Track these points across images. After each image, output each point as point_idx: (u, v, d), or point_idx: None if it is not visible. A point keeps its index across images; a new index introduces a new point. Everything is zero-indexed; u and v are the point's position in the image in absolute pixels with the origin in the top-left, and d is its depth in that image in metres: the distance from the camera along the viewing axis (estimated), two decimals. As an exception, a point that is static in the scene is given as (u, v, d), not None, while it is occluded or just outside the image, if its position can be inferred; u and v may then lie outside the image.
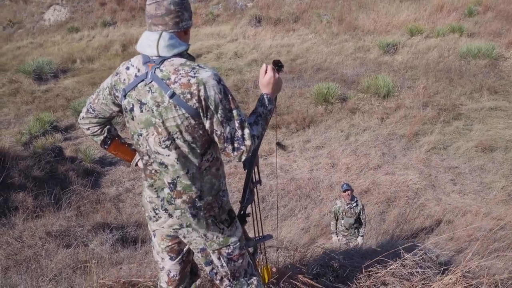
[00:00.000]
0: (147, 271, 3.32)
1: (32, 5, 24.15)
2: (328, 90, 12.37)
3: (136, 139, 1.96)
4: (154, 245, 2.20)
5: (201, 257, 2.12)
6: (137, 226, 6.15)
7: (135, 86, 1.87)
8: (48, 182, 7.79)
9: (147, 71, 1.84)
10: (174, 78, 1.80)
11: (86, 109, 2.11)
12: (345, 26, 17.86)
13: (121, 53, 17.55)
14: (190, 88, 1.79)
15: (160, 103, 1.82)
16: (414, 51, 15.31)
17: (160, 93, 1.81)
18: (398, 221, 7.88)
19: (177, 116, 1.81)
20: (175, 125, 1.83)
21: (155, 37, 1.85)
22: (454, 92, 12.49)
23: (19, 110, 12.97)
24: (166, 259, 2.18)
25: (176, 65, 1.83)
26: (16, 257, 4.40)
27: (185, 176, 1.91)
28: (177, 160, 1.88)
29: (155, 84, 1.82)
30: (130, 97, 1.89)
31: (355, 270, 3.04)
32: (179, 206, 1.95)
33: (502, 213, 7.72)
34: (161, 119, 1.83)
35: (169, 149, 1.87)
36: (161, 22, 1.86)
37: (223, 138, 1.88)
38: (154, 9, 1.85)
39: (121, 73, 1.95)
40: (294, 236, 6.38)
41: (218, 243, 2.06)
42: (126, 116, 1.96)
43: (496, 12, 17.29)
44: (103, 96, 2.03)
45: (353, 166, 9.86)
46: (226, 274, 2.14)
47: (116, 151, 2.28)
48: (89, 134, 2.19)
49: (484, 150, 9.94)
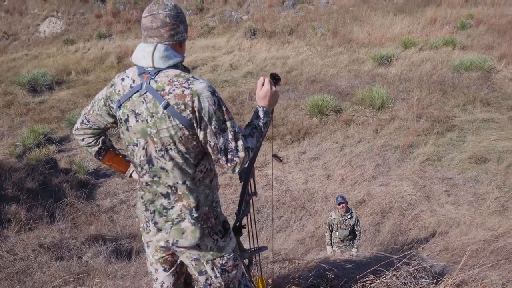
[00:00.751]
0: (141, 283, 3.30)
1: (28, 17, 24.22)
2: (323, 102, 12.45)
3: (131, 150, 1.96)
4: (147, 256, 2.18)
5: (194, 268, 2.10)
6: (131, 238, 6.11)
7: (130, 97, 1.88)
8: (41, 194, 7.73)
9: (142, 82, 1.86)
10: (169, 89, 1.81)
11: (81, 120, 2.13)
12: (339, 39, 18.04)
13: (117, 65, 17.60)
14: (184, 99, 1.80)
15: (154, 114, 1.83)
16: (408, 63, 15.48)
17: (154, 103, 1.82)
18: (393, 232, 7.88)
19: (171, 126, 1.82)
20: (168, 135, 1.83)
21: (150, 49, 1.86)
22: (448, 104, 12.60)
23: (13, 122, 12.93)
24: (159, 270, 2.16)
25: (170, 76, 1.84)
26: (8, 270, 4.36)
27: (183, 186, 1.92)
28: (172, 170, 1.90)
29: (150, 95, 1.83)
30: (125, 108, 1.90)
31: (349, 281, 3.04)
32: (171, 217, 1.94)
33: (495, 223, 7.75)
34: (156, 129, 1.84)
35: (164, 158, 1.88)
36: (156, 34, 1.88)
37: (216, 149, 1.88)
38: (150, 21, 1.88)
39: (116, 84, 1.96)
40: (289, 247, 6.36)
41: (211, 253, 2.05)
42: (121, 127, 1.96)
43: (488, 25, 17.56)
44: (98, 107, 2.04)
45: (348, 177, 9.88)
46: (220, 285, 2.12)
47: (110, 162, 2.28)
48: (84, 145, 2.19)
49: (477, 162, 10.00)
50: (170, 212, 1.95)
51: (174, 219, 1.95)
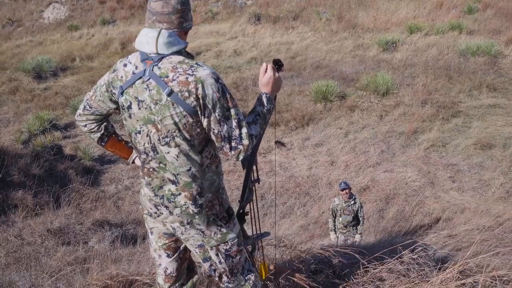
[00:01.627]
0: (145, 268, 3.33)
1: (32, 3, 24.11)
2: (327, 87, 12.38)
3: (134, 137, 1.96)
4: (151, 242, 2.20)
5: (199, 254, 2.12)
6: (136, 224, 6.16)
7: (132, 84, 1.87)
8: (47, 180, 7.79)
9: (145, 68, 1.84)
10: (172, 76, 1.79)
11: (83, 106, 2.11)
12: (344, 24, 17.85)
13: (121, 51, 17.54)
14: (188, 86, 1.78)
15: (158, 101, 1.81)
16: (414, 48, 15.32)
17: (158, 90, 1.81)
18: (397, 219, 7.90)
19: (175, 114, 1.81)
20: (173, 123, 1.82)
21: (154, 34, 1.84)
22: (453, 90, 12.50)
23: (18, 109, 12.98)
24: (163, 256, 2.18)
25: (174, 63, 1.82)
26: (16, 254, 4.42)
27: (186, 174, 1.91)
28: (176, 157, 1.88)
29: (153, 82, 1.81)
30: (128, 95, 1.89)
31: (352, 267, 3.06)
32: (179, 204, 1.95)
33: (500, 210, 7.73)
34: (160, 117, 1.82)
35: (169, 146, 1.86)
36: (166, 20, 1.86)
37: (220, 137, 1.87)
38: (161, 6, 1.85)
39: (118, 70, 1.94)
40: (293, 233, 6.40)
41: (216, 239, 2.07)
42: (123, 114, 1.95)
43: (496, 9, 17.29)
44: (100, 93, 2.02)
45: (352, 163, 9.87)
46: (224, 270, 2.15)
47: (113, 148, 2.27)
48: (86, 131, 2.18)
49: (482, 148, 9.95)
50: (178, 199, 1.95)
51: (182, 205, 1.96)
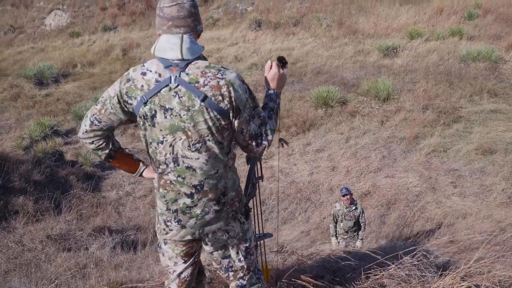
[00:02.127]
0: (146, 274, 3.33)
1: (33, 10, 24.25)
2: (328, 93, 12.39)
3: (155, 147, 1.92)
4: (164, 251, 2.16)
5: (219, 253, 2.11)
6: (137, 230, 6.16)
7: (157, 92, 1.83)
8: (48, 186, 7.80)
9: (171, 75, 1.82)
10: (203, 81, 1.81)
11: (90, 121, 2.00)
12: (344, 30, 17.90)
13: (122, 57, 17.61)
14: (220, 89, 1.81)
15: (191, 107, 1.81)
16: (414, 54, 15.34)
17: (189, 97, 1.81)
18: (398, 224, 7.87)
19: (209, 118, 1.82)
20: (206, 127, 1.83)
21: (177, 40, 1.84)
22: (454, 95, 12.50)
23: (20, 115, 13.01)
24: (179, 263, 2.16)
25: (202, 68, 1.83)
26: (16, 260, 4.41)
27: (213, 176, 1.93)
28: (206, 162, 1.89)
29: (183, 88, 1.81)
30: (152, 104, 1.84)
31: (353, 272, 3.05)
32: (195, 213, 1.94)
33: (502, 215, 7.70)
34: (192, 123, 1.82)
35: (199, 151, 1.87)
36: (183, 24, 1.87)
37: (248, 136, 1.93)
38: (176, 11, 1.85)
39: (135, 79, 1.88)
40: (294, 239, 6.38)
41: (238, 238, 2.10)
42: (144, 124, 1.90)
43: (496, 15, 17.33)
44: (111, 105, 1.94)
45: (353, 169, 9.86)
46: (242, 268, 2.16)
47: (120, 163, 2.20)
48: (93, 148, 2.08)
49: (484, 153, 9.93)
50: (194, 209, 1.95)
51: (198, 215, 1.96)
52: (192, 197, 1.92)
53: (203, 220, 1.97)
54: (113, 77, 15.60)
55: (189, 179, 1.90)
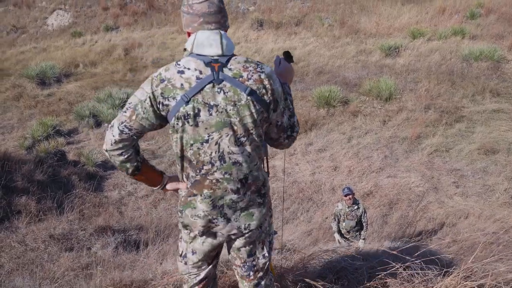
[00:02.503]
0: (148, 274, 3.33)
1: (36, 10, 24.29)
2: (330, 93, 12.38)
3: (197, 148, 1.86)
4: (188, 260, 2.12)
5: (246, 250, 2.09)
6: (139, 230, 6.16)
7: (200, 90, 1.80)
8: (50, 186, 7.81)
9: (213, 72, 1.81)
10: (247, 75, 1.83)
11: (119, 130, 1.87)
12: (346, 29, 17.89)
13: (124, 57, 17.63)
14: (263, 83, 1.84)
15: (237, 102, 1.81)
16: (416, 53, 15.32)
17: (235, 91, 1.81)
18: (401, 224, 7.86)
19: (254, 112, 1.84)
20: (252, 121, 1.85)
21: (216, 36, 1.84)
22: (456, 95, 12.48)
23: (22, 115, 13.04)
24: (204, 266, 2.15)
25: (242, 63, 1.85)
26: (19, 260, 4.42)
27: (255, 168, 1.96)
28: (249, 154, 1.90)
29: (228, 84, 1.81)
30: (195, 102, 1.80)
31: (356, 272, 3.04)
32: (239, 207, 1.95)
33: (505, 215, 7.69)
34: (238, 118, 1.82)
35: (243, 145, 1.88)
36: (214, 20, 1.87)
37: (282, 129, 1.99)
38: (207, 7, 1.85)
39: (172, 79, 1.81)
40: (297, 238, 6.37)
41: (265, 232, 2.11)
42: (184, 125, 1.83)
43: (498, 14, 17.29)
44: (142, 109, 1.85)
45: (355, 169, 9.85)
46: (263, 265, 2.15)
47: (145, 176, 2.05)
48: (123, 160, 1.93)
49: (486, 153, 9.91)
50: (239, 204, 1.95)
51: (242, 208, 1.96)
52: (238, 193, 1.93)
53: (247, 212, 1.98)
54: (115, 77, 15.63)
55: (236, 174, 1.90)
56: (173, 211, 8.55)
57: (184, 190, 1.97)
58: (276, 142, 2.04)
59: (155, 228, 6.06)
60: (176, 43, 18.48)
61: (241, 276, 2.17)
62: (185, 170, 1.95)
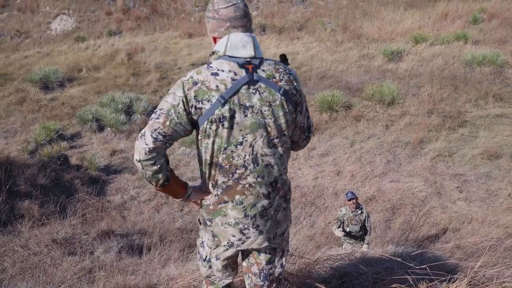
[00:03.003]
0: (153, 279, 3.32)
1: (39, 15, 24.44)
2: (333, 97, 12.39)
3: (231, 151, 1.83)
4: (212, 265, 2.10)
5: (265, 257, 2.07)
6: (142, 234, 6.15)
7: (237, 91, 1.80)
8: (53, 190, 7.82)
9: (247, 73, 1.81)
10: (279, 76, 1.87)
11: (153, 138, 1.78)
12: (349, 34, 17.92)
13: (127, 62, 17.69)
14: (293, 84, 1.90)
15: (272, 102, 1.83)
16: (419, 58, 15.32)
17: (270, 92, 1.84)
18: (404, 229, 7.83)
19: (287, 112, 1.87)
20: (284, 121, 1.88)
21: (249, 39, 1.87)
22: (459, 99, 12.46)
23: (25, 119, 13.08)
24: (227, 273, 2.14)
25: (273, 64, 1.89)
26: (22, 264, 4.42)
27: (284, 171, 1.97)
28: (280, 156, 1.92)
29: (263, 85, 1.83)
30: (231, 103, 1.78)
31: (361, 277, 3.03)
32: (270, 214, 1.94)
33: (509, 220, 7.65)
34: (273, 118, 1.84)
35: (276, 146, 1.89)
36: (240, 24, 1.88)
37: (303, 130, 2.04)
38: (233, 11, 1.86)
39: (205, 81, 1.79)
40: (299, 243, 6.35)
41: (286, 240, 2.12)
42: (218, 128, 1.80)
43: (501, 19, 17.29)
44: (176, 114, 1.79)
45: (358, 173, 9.83)
46: (279, 274, 2.13)
47: (172, 186, 1.96)
48: (156, 170, 1.84)
49: (490, 157, 9.88)
50: (269, 211, 1.93)
51: (272, 215, 1.95)
52: (269, 198, 1.92)
53: (275, 220, 1.97)
54: (118, 81, 15.68)
55: (267, 177, 1.89)
56: (176, 215, 8.54)
57: (210, 198, 1.94)
58: (295, 144, 2.07)
59: (158, 232, 6.05)
60: (178, 48, 18.53)
61: (254, 285, 2.11)
62: (213, 177, 1.90)
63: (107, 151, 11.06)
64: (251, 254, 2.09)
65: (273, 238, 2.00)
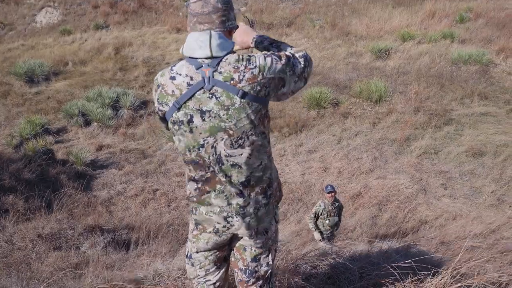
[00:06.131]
0: (139, 274, 3.31)
1: (24, 7, 24.00)
2: (321, 94, 12.43)
3: (195, 152, 1.86)
4: (194, 261, 2.11)
5: (251, 253, 2.06)
6: (129, 229, 6.12)
7: (192, 96, 1.78)
8: (39, 185, 7.72)
9: (203, 77, 1.77)
10: (238, 77, 1.76)
11: None
12: (337, 31, 17.97)
13: (114, 56, 17.48)
14: (256, 79, 1.76)
15: (230, 106, 1.76)
16: (406, 56, 15.45)
17: (228, 95, 1.76)
18: (390, 225, 7.92)
19: (251, 112, 1.79)
20: (249, 122, 1.80)
21: (206, 37, 1.79)
22: (445, 98, 12.62)
23: (10, 113, 12.86)
24: (211, 269, 2.12)
25: (232, 63, 1.77)
26: (6, 259, 4.36)
27: (258, 169, 1.90)
28: (250, 155, 1.85)
29: (219, 89, 1.76)
30: (187, 108, 1.79)
31: (347, 272, 3.06)
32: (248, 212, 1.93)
33: (492, 217, 7.80)
34: (233, 121, 1.78)
35: (242, 147, 1.83)
36: (207, 21, 1.81)
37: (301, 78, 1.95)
38: (200, 6, 1.81)
39: (164, 85, 1.83)
40: (286, 239, 6.38)
41: (272, 239, 2.09)
42: (179, 130, 1.84)
43: (487, 19, 17.53)
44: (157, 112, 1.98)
45: (345, 170, 9.90)
46: (265, 273, 2.11)
47: None
48: None
49: (474, 155, 10.04)
50: (247, 209, 1.93)
51: (251, 213, 1.94)
52: (243, 196, 1.90)
53: (257, 217, 1.95)
54: (104, 76, 15.50)
55: (236, 176, 1.87)
56: (163, 211, 8.50)
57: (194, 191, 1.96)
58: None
59: (145, 227, 6.02)
60: (166, 43, 18.38)
61: (239, 280, 2.13)
62: (192, 171, 1.93)
63: (93, 146, 10.95)
64: (236, 249, 2.09)
65: (256, 234, 1.99)
